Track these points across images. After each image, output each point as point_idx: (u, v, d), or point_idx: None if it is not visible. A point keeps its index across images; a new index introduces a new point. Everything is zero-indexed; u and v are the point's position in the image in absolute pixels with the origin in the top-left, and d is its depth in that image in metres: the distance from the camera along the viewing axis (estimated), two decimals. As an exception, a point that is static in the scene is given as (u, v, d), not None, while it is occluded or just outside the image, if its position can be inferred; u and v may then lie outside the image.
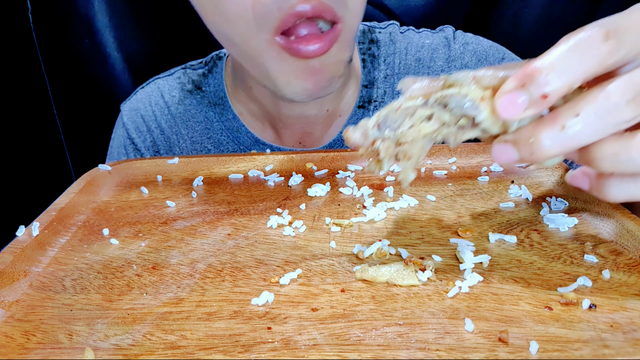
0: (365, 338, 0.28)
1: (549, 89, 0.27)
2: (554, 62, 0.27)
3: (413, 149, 0.32)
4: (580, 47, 0.26)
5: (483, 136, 0.31)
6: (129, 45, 1.08)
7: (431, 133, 0.31)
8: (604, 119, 0.26)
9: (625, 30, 0.27)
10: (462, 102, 0.30)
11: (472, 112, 0.30)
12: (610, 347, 0.27)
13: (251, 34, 0.48)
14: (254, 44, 0.49)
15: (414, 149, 0.32)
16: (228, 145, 0.69)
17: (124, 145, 0.73)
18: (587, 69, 0.26)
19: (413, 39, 0.70)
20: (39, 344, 0.30)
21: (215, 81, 0.70)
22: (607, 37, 0.26)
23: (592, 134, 0.27)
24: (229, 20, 0.48)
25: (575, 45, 0.26)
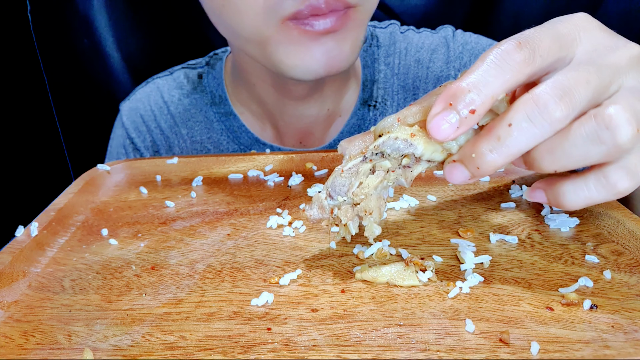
0: (366, 339, 0.28)
1: (475, 104, 0.28)
2: (475, 78, 0.28)
3: (370, 204, 0.33)
4: (497, 59, 0.28)
5: (432, 166, 0.33)
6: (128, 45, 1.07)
7: (379, 183, 0.33)
8: (536, 123, 0.27)
9: (538, 39, 0.29)
10: (395, 145, 0.31)
11: (408, 150, 0.31)
12: (611, 348, 0.26)
13: (258, 23, 0.48)
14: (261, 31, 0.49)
15: (371, 203, 0.33)
16: (228, 145, 0.69)
17: (124, 145, 0.72)
18: (507, 79, 0.28)
19: (413, 40, 0.70)
20: (37, 344, 0.30)
21: (215, 80, 0.70)
22: (520, 47, 0.28)
23: (528, 139, 0.28)
24: (238, 10, 0.48)
25: (492, 59, 0.28)
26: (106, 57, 1.07)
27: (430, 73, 0.68)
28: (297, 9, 0.46)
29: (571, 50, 0.30)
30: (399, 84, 0.69)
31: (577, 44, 0.30)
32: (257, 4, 0.46)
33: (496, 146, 0.28)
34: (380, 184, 0.33)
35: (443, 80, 0.67)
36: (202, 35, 1.01)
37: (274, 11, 0.46)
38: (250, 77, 0.64)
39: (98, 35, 1.05)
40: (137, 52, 1.09)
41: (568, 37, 0.30)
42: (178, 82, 0.72)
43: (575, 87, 0.28)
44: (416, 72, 0.68)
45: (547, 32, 0.30)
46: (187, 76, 0.73)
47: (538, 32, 0.29)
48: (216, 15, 0.52)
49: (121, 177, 0.53)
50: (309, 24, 0.47)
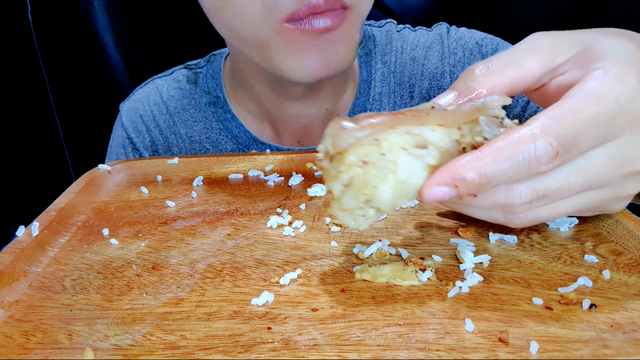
0: (365, 338, 0.28)
1: (478, 192, 0.28)
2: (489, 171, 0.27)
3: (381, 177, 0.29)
4: (523, 162, 0.27)
5: None
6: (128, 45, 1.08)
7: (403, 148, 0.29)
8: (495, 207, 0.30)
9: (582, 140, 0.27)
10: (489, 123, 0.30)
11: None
12: (610, 347, 0.27)
13: (257, 24, 0.48)
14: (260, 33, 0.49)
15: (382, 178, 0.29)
16: (227, 144, 0.69)
17: (123, 145, 0.73)
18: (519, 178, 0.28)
19: (409, 38, 0.70)
20: (38, 344, 0.30)
21: (214, 81, 0.70)
22: (556, 158, 0.27)
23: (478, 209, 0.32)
24: (237, 11, 0.48)
25: (519, 157, 0.27)
26: (106, 57, 1.07)
27: (425, 70, 0.68)
28: (295, 9, 0.46)
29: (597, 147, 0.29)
30: (396, 82, 0.69)
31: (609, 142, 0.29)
32: (255, 5, 0.47)
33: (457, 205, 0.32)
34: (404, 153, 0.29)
35: (438, 77, 0.67)
36: (202, 36, 1.01)
37: (272, 12, 0.47)
38: (248, 78, 0.64)
39: (98, 35, 1.05)
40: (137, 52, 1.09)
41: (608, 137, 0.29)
42: (177, 82, 0.73)
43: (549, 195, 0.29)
44: (412, 70, 0.69)
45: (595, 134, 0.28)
46: (186, 76, 0.73)
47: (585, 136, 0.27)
48: (215, 17, 0.52)
49: (122, 177, 0.53)
50: (308, 23, 0.47)
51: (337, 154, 0.29)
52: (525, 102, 0.64)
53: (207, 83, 0.71)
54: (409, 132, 0.29)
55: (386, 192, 0.29)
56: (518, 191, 0.29)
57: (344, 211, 0.30)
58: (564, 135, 0.27)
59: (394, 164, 0.28)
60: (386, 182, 0.29)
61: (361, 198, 0.29)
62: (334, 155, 0.29)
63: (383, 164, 0.28)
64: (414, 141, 0.29)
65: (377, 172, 0.28)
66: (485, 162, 0.27)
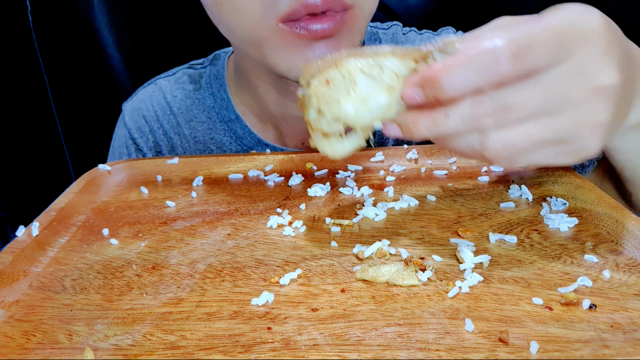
0: (366, 338, 0.28)
1: (442, 96, 0.31)
2: (453, 75, 0.30)
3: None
4: (483, 63, 0.29)
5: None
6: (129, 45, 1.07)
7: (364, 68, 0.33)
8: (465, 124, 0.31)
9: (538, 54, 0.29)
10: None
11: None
12: (610, 347, 0.27)
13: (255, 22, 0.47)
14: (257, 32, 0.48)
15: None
16: (231, 146, 0.69)
17: (126, 145, 0.72)
18: (481, 84, 0.30)
19: (415, 41, 0.70)
20: (38, 344, 0.30)
21: (218, 81, 0.70)
22: (513, 60, 0.29)
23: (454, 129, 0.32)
24: (236, 9, 0.48)
25: (478, 58, 0.29)
26: (106, 58, 1.07)
27: None
28: (293, 8, 0.45)
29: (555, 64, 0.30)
30: None
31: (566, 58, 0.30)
32: (253, 3, 0.46)
33: (431, 127, 0.33)
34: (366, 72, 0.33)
35: None
36: (202, 35, 1.01)
37: (269, 10, 0.46)
38: (252, 78, 0.64)
39: (98, 35, 1.05)
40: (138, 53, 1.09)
41: (563, 51, 0.30)
42: (181, 83, 0.72)
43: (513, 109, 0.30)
44: None
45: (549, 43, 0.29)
46: (190, 76, 0.72)
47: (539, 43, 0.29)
48: (215, 14, 0.52)
49: (122, 177, 0.53)
50: (303, 28, 0.46)
51: (307, 86, 0.34)
52: None
53: (210, 83, 0.70)
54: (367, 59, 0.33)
55: (349, 106, 0.33)
56: (482, 100, 0.31)
57: (323, 137, 0.35)
58: (520, 40, 0.29)
59: (353, 82, 0.33)
60: (348, 97, 0.33)
61: (329, 115, 0.33)
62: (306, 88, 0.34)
63: (343, 82, 0.33)
64: (371, 65, 0.33)
65: (339, 89, 0.33)
66: (448, 65, 0.30)
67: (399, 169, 0.51)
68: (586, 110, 0.31)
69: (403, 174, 0.51)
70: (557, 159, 0.34)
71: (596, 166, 0.59)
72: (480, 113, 0.31)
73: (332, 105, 0.33)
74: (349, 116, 0.33)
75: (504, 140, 0.31)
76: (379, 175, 0.51)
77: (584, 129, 0.32)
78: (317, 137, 0.36)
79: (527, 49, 0.29)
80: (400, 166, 0.52)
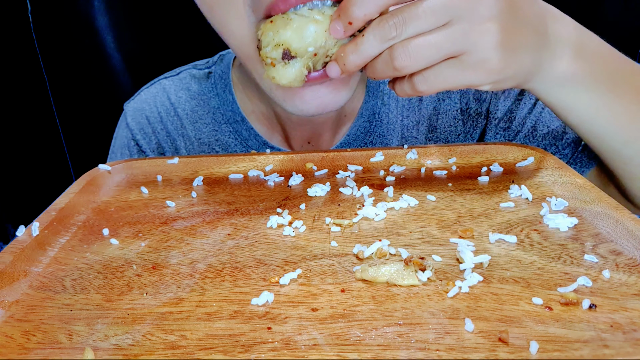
0: (365, 338, 0.28)
1: (352, 18, 0.39)
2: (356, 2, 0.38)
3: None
4: None
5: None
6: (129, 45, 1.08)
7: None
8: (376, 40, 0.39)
9: None
10: None
11: None
12: (610, 347, 0.27)
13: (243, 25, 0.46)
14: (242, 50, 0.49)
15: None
16: (236, 147, 0.68)
17: (128, 146, 0.72)
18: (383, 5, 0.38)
19: None
20: (39, 344, 0.30)
21: (223, 82, 0.69)
22: None
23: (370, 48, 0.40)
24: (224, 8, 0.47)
25: None
26: (106, 58, 1.07)
27: None
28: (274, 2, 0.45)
29: None
30: None
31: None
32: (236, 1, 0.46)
33: (353, 49, 0.40)
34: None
35: None
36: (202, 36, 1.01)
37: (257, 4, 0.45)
38: None
39: (98, 35, 1.05)
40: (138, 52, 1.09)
41: None
42: (185, 83, 0.71)
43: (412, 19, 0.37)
44: None
45: None
46: (195, 77, 0.71)
47: None
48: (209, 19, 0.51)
49: (122, 177, 0.53)
50: None
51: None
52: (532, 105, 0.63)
53: (215, 84, 0.70)
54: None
55: (287, 32, 0.42)
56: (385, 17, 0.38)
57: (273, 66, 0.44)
58: None
59: (290, 19, 0.42)
60: (285, 28, 0.42)
61: (272, 42, 0.42)
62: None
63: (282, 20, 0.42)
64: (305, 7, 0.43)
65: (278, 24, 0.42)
66: None
67: (399, 169, 0.51)
68: (475, 20, 0.37)
69: (403, 174, 0.51)
70: (465, 75, 0.39)
71: (597, 168, 0.59)
72: (385, 26, 0.38)
73: (274, 34, 0.42)
74: (287, 39, 0.42)
75: (406, 48, 0.38)
76: (379, 175, 0.51)
77: (476, 38, 0.38)
78: (267, 67, 0.44)
79: None
80: (400, 166, 0.52)
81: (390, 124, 0.68)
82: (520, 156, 0.52)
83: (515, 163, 0.51)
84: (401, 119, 0.68)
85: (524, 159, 0.51)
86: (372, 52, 0.40)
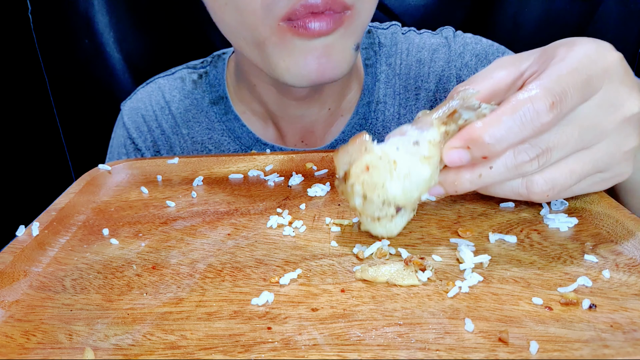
0: (365, 338, 0.28)
1: (490, 154, 0.32)
2: (498, 132, 0.31)
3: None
4: (525, 119, 0.31)
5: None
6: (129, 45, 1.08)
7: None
8: (510, 172, 0.33)
9: (570, 97, 0.31)
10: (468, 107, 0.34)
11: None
12: (610, 347, 0.27)
13: (257, 22, 0.48)
14: (259, 31, 0.48)
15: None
16: (229, 145, 0.69)
17: (124, 144, 0.72)
18: (525, 136, 0.31)
19: (414, 40, 0.70)
20: (38, 344, 0.30)
21: (217, 81, 0.70)
22: (552, 109, 0.31)
23: (499, 179, 0.34)
24: (238, 9, 0.48)
25: (521, 116, 0.31)
26: (106, 57, 1.07)
27: (431, 72, 0.68)
28: (293, 8, 0.46)
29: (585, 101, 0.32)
30: (401, 84, 0.69)
31: (594, 94, 0.32)
32: (254, 4, 0.47)
33: (476, 181, 0.34)
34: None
35: (444, 79, 0.68)
36: (202, 35, 1.01)
37: (270, 10, 0.46)
38: (252, 78, 0.64)
39: (98, 35, 1.05)
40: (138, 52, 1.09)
41: (591, 88, 0.32)
42: (180, 82, 0.72)
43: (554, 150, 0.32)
44: (417, 72, 0.69)
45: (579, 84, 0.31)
46: (189, 76, 0.72)
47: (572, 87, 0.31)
48: (217, 15, 0.52)
49: (122, 177, 0.53)
50: (302, 26, 0.47)
51: (345, 175, 0.34)
52: None
53: (210, 83, 0.70)
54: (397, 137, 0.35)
55: (394, 187, 0.33)
56: (524, 149, 0.32)
57: (373, 221, 0.35)
58: (554, 88, 0.31)
59: (393, 161, 0.33)
60: (391, 178, 0.33)
61: (378, 201, 0.34)
62: (344, 177, 0.35)
63: (383, 164, 0.33)
64: (405, 141, 0.34)
65: (380, 171, 0.33)
66: (492, 124, 0.31)
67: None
68: (618, 139, 0.33)
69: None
70: (594, 187, 0.36)
71: None
72: (524, 160, 0.32)
73: (379, 189, 0.33)
74: (398, 197, 0.34)
75: (548, 181, 0.33)
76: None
77: (618, 156, 0.34)
78: (367, 221, 0.36)
79: (563, 95, 0.31)
80: None
81: (387, 122, 0.68)
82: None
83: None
84: (397, 117, 0.68)
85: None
86: (497, 182, 0.34)
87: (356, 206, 0.35)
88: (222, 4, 0.49)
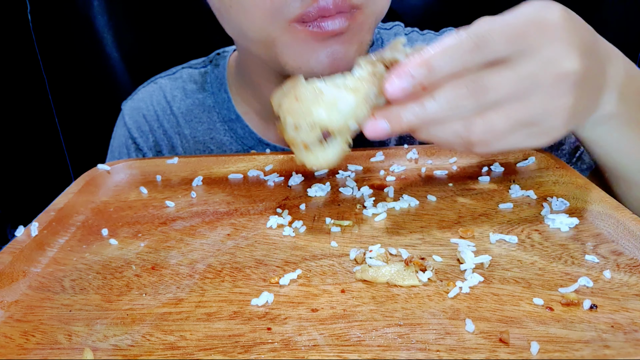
0: (366, 339, 0.28)
1: (427, 80, 0.34)
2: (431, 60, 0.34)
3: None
4: (451, 54, 0.33)
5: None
6: (128, 45, 1.07)
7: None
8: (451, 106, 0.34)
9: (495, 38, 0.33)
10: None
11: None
12: (611, 348, 0.27)
13: (266, 23, 0.47)
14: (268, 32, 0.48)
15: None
16: (231, 145, 0.69)
17: (126, 145, 0.72)
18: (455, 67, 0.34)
19: (417, 40, 0.70)
20: (38, 344, 0.30)
21: (218, 80, 0.70)
22: (475, 50, 0.33)
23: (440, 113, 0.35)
24: (246, 10, 0.48)
25: (448, 49, 0.33)
26: (106, 57, 1.07)
27: None
28: (304, 11, 0.45)
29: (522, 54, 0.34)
30: None
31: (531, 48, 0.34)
32: (264, 5, 0.46)
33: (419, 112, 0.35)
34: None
35: None
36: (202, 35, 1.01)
37: (280, 12, 0.46)
38: (255, 77, 0.64)
39: (98, 35, 1.05)
40: (137, 52, 1.09)
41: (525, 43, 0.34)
42: (181, 82, 0.72)
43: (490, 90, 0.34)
44: None
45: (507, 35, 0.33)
46: (191, 76, 0.72)
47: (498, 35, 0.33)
48: (224, 16, 0.52)
49: (121, 177, 0.53)
50: (317, 26, 0.47)
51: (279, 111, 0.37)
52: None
53: (211, 83, 0.70)
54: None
55: (321, 111, 0.35)
56: (463, 83, 0.34)
57: (306, 150, 0.37)
58: (480, 32, 0.33)
59: (320, 92, 0.35)
60: (317, 104, 0.35)
61: (305, 126, 0.35)
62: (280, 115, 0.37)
63: (310, 94, 0.35)
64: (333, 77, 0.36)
65: (308, 100, 0.35)
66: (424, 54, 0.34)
67: (399, 169, 0.51)
68: (553, 94, 0.35)
69: (403, 174, 0.51)
70: (529, 140, 0.37)
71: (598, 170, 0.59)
72: (462, 94, 0.34)
73: (306, 115, 0.35)
74: (323, 120, 0.35)
75: (487, 123, 0.35)
76: (379, 175, 0.51)
77: (551, 110, 0.35)
78: (299, 151, 0.38)
79: (488, 40, 0.33)
80: (400, 166, 0.52)
81: None
82: (521, 156, 0.52)
83: (516, 163, 0.51)
84: None
85: (524, 158, 0.51)
86: (438, 117, 0.35)
87: (290, 137, 0.37)
88: (228, 5, 0.49)
